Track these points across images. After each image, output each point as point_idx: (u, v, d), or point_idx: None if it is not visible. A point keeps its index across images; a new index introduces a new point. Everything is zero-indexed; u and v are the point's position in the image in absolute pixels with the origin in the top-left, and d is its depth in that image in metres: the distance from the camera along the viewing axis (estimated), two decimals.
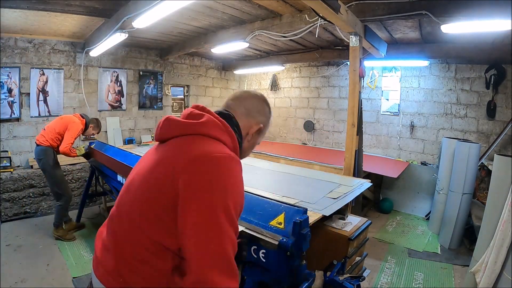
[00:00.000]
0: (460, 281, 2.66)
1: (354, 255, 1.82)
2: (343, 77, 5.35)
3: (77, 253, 2.96)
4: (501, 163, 2.18)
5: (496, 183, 2.22)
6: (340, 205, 1.86)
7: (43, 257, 2.85)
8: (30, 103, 4.06)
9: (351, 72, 2.90)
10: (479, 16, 2.41)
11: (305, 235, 1.29)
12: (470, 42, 3.52)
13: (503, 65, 3.79)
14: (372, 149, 5.10)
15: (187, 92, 6.21)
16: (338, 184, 2.34)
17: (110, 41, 3.48)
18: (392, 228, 3.83)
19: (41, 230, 3.44)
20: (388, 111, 4.91)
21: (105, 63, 4.81)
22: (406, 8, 2.61)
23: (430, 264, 2.95)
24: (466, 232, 3.33)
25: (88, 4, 3.06)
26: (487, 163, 3.70)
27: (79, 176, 4.22)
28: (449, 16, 2.53)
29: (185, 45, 4.69)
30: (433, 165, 4.35)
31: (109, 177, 3.12)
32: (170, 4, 2.40)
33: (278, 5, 2.98)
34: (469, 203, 3.28)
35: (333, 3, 2.13)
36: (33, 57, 4.05)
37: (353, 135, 2.90)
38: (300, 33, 3.20)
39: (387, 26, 3.41)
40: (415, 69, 4.57)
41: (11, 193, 3.67)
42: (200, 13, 3.31)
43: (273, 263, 1.31)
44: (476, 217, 3.17)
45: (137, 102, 5.31)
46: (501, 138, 3.78)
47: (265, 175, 2.94)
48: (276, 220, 1.37)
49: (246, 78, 7.03)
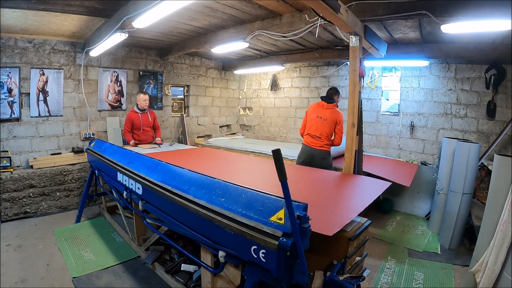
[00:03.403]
0: (460, 281, 2.66)
1: (354, 255, 1.82)
2: (343, 77, 5.35)
3: (77, 253, 2.96)
4: (501, 163, 2.18)
5: (496, 183, 2.22)
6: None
7: (43, 257, 2.85)
8: (30, 103, 4.06)
9: (351, 72, 2.90)
10: (479, 16, 2.41)
11: (305, 229, 1.29)
12: (470, 42, 3.52)
13: (503, 65, 3.79)
14: (372, 149, 5.11)
15: (187, 92, 6.21)
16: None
17: (110, 41, 3.48)
18: (392, 228, 3.83)
19: (41, 230, 3.44)
20: (388, 111, 4.91)
21: (105, 63, 4.81)
22: (406, 8, 2.61)
23: (430, 264, 2.95)
24: (466, 232, 3.33)
25: (88, 4, 3.06)
26: (487, 163, 3.70)
27: (79, 176, 4.22)
28: (449, 16, 2.53)
29: (185, 45, 4.69)
30: (433, 165, 4.35)
31: (109, 177, 3.12)
32: (170, 4, 2.40)
33: (278, 5, 2.98)
34: (469, 203, 3.28)
35: (333, 3, 2.13)
36: (33, 57, 4.05)
37: (353, 135, 2.90)
38: (300, 33, 3.20)
39: (387, 26, 3.41)
40: (415, 69, 4.57)
41: (11, 193, 3.67)
42: (200, 13, 3.31)
43: (273, 263, 1.31)
44: (476, 217, 3.17)
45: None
46: (501, 138, 3.78)
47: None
48: (276, 215, 1.37)
49: (246, 78, 7.03)
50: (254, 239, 1.36)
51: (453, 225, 3.25)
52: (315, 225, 1.45)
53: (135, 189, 2.37)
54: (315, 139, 3.52)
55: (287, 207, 1.24)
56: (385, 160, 4.42)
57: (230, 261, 1.61)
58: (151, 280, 2.54)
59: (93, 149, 3.47)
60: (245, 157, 4.28)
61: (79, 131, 4.60)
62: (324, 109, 3.53)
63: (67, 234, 3.37)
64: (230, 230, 1.48)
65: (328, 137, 3.50)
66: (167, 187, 1.99)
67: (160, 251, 2.66)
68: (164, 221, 2.18)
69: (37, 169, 3.96)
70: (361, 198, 2.23)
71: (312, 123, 3.56)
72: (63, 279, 2.52)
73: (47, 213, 3.94)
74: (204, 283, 1.89)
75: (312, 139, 3.54)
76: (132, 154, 2.85)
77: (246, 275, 1.58)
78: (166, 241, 2.33)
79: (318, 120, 3.53)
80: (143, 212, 2.43)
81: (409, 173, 3.80)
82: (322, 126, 3.49)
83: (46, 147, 4.26)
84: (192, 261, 2.23)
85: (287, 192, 1.20)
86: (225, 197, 1.63)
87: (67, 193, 4.15)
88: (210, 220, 1.58)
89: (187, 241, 2.56)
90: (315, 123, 3.54)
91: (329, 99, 3.57)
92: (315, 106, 3.65)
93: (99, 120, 4.85)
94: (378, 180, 2.77)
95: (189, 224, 1.82)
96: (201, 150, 4.56)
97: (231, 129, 7.17)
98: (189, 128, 6.12)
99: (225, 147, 5.28)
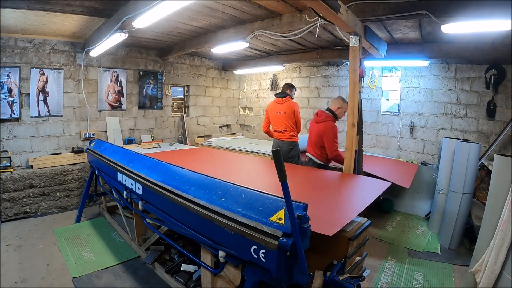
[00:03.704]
0: (460, 281, 2.66)
1: (354, 255, 1.82)
2: (343, 77, 5.35)
3: (77, 253, 2.96)
4: (501, 163, 2.18)
5: (496, 183, 2.22)
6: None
7: (43, 257, 2.85)
8: (30, 103, 4.06)
9: (351, 72, 2.90)
10: (479, 16, 2.41)
11: (305, 229, 1.29)
12: (470, 42, 3.52)
13: (503, 65, 3.79)
14: (372, 149, 5.11)
15: (187, 92, 6.21)
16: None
17: (110, 41, 3.48)
18: (392, 228, 3.83)
19: (41, 230, 3.44)
20: (388, 111, 4.91)
21: (105, 63, 4.81)
22: (406, 8, 2.61)
23: (430, 264, 2.95)
24: (466, 232, 3.33)
25: (88, 4, 3.06)
26: (487, 163, 3.70)
27: (79, 176, 4.22)
28: (449, 16, 2.53)
29: (185, 45, 4.69)
30: (433, 165, 4.35)
31: (109, 177, 3.12)
32: (170, 4, 2.40)
33: (278, 5, 2.98)
34: (469, 203, 3.28)
35: (333, 3, 2.13)
36: (33, 57, 4.05)
37: (353, 135, 2.90)
38: (300, 33, 3.20)
39: (387, 26, 3.41)
40: (415, 69, 4.57)
41: (11, 193, 3.67)
42: (200, 13, 3.31)
43: (273, 263, 1.31)
44: (476, 217, 3.17)
45: (137, 102, 5.31)
46: (501, 138, 3.78)
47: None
48: (276, 215, 1.36)
49: (246, 78, 7.03)
50: (254, 239, 1.36)
51: (453, 225, 3.25)
52: (315, 225, 1.45)
53: (135, 189, 2.37)
54: (282, 133, 3.92)
55: (287, 207, 1.24)
56: (385, 160, 4.41)
57: (230, 261, 1.61)
58: (151, 280, 2.55)
59: (93, 149, 3.47)
60: (245, 157, 4.28)
61: (79, 131, 4.60)
62: (280, 105, 3.94)
63: (67, 234, 3.37)
64: (230, 230, 1.48)
65: (292, 128, 3.90)
66: (167, 187, 1.99)
67: (160, 251, 2.66)
68: (164, 221, 2.18)
69: (37, 169, 3.96)
70: (361, 198, 2.23)
71: (275, 120, 3.97)
72: (63, 279, 2.52)
73: (47, 213, 3.94)
74: (204, 283, 1.89)
75: (280, 133, 3.94)
76: (132, 154, 2.85)
77: (246, 275, 1.58)
78: (166, 241, 2.33)
79: (278, 115, 3.93)
80: (143, 212, 2.43)
81: (409, 174, 3.79)
82: (283, 120, 3.89)
83: (46, 147, 4.26)
84: (192, 261, 2.23)
85: (287, 192, 1.20)
86: (225, 197, 1.63)
87: (67, 193, 4.15)
88: (210, 220, 1.58)
89: (187, 241, 2.56)
90: (278, 119, 3.94)
91: (282, 94, 3.98)
92: (273, 105, 4.04)
93: (99, 120, 4.85)
94: (378, 180, 2.77)
95: (189, 224, 1.82)
96: (201, 150, 4.56)
97: (231, 129, 7.17)
98: (189, 128, 6.12)
99: (225, 147, 5.28)
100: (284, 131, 3.88)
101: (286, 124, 3.87)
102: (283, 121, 3.88)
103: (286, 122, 3.87)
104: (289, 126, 3.87)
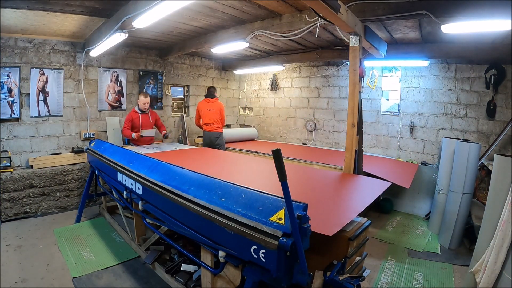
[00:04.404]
0: (460, 281, 2.66)
1: (354, 255, 1.82)
2: (343, 77, 5.35)
3: (77, 253, 2.96)
4: (501, 163, 2.18)
5: (496, 183, 2.22)
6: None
7: (43, 257, 2.85)
8: (30, 103, 4.06)
9: (351, 72, 2.90)
10: (479, 16, 2.41)
11: (305, 229, 1.29)
12: (470, 42, 3.52)
13: (503, 65, 3.79)
14: (372, 149, 5.11)
15: (187, 92, 6.21)
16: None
17: (110, 41, 3.48)
18: (392, 228, 3.83)
19: (41, 230, 3.45)
20: (388, 111, 4.91)
21: (105, 63, 4.81)
22: (406, 8, 2.61)
23: (430, 264, 2.96)
24: (466, 232, 3.33)
25: (88, 4, 3.06)
26: (487, 163, 3.70)
27: (79, 176, 4.22)
28: (449, 16, 2.52)
29: (185, 45, 4.70)
30: (433, 165, 4.35)
31: (109, 177, 3.12)
32: (170, 4, 2.40)
33: (278, 5, 2.98)
34: (469, 203, 3.28)
35: (333, 3, 2.13)
36: (33, 57, 4.05)
37: (353, 135, 2.90)
38: (300, 33, 3.20)
39: (387, 26, 3.41)
40: (415, 69, 4.57)
41: (11, 193, 3.67)
42: (200, 13, 3.31)
43: (273, 263, 1.31)
44: (476, 217, 3.17)
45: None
46: (501, 138, 3.78)
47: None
48: (276, 215, 1.36)
49: (246, 78, 7.03)
50: (254, 239, 1.36)
51: (453, 225, 3.25)
52: (315, 225, 1.45)
53: (135, 189, 2.37)
54: (210, 126, 5.00)
55: (287, 207, 1.23)
56: (385, 160, 4.41)
57: (230, 261, 1.61)
58: (151, 280, 2.55)
59: (93, 149, 3.47)
60: (245, 157, 4.29)
61: (79, 131, 4.60)
62: (210, 103, 5.03)
63: (67, 234, 3.37)
64: (230, 230, 1.48)
65: (218, 122, 5.03)
66: (167, 187, 1.99)
67: (160, 251, 2.66)
68: (164, 221, 2.18)
69: (37, 169, 3.96)
70: (361, 198, 2.23)
71: (205, 116, 5.02)
72: (63, 279, 2.52)
73: (47, 213, 3.94)
74: (204, 283, 1.89)
75: (208, 126, 5.00)
76: (132, 154, 2.86)
77: (246, 275, 1.58)
78: (166, 241, 2.33)
79: (208, 112, 5.01)
80: (143, 212, 2.43)
81: (409, 174, 3.79)
82: (212, 115, 4.99)
83: (46, 147, 4.26)
84: (192, 261, 2.23)
85: (287, 192, 1.20)
86: (225, 197, 1.63)
87: (67, 193, 4.15)
88: (210, 220, 1.58)
89: (187, 241, 2.56)
90: (207, 115, 5.00)
91: (211, 95, 5.08)
92: (204, 104, 5.07)
93: (99, 120, 4.85)
94: (378, 180, 2.77)
95: (189, 224, 1.82)
96: (201, 150, 4.56)
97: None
98: (189, 128, 6.12)
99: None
100: (212, 124, 4.98)
101: (214, 119, 4.98)
102: (211, 117, 4.97)
103: (214, 117, 4.98)
104: (216, 120, 4.99)
